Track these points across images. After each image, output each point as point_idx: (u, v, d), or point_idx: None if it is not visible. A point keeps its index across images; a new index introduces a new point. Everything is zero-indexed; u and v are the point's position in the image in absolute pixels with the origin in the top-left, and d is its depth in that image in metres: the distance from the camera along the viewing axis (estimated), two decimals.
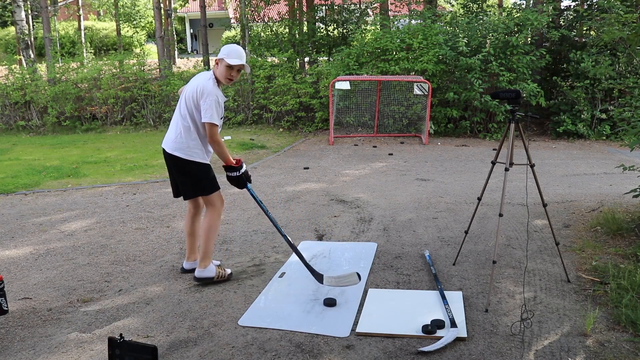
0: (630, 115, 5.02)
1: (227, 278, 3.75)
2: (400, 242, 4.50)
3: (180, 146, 3.54)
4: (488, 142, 10.42)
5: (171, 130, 3.63)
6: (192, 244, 3.89)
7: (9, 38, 22.14)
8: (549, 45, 11.75)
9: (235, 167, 3.57)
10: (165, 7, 17.85)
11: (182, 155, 3.54)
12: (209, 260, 3.69)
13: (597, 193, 6.14)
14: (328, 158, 8.86)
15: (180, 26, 27.99)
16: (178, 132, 3.55)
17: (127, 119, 12.95)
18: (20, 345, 2.93)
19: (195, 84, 3.53)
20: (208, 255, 3.67)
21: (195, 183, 3.62)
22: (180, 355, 2.80)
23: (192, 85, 3.55)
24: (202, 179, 3.62)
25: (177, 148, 3.55)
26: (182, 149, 3.54)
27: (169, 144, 3.59)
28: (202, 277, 3.68)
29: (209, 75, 3.55)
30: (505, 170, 3.40)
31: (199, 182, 3.62)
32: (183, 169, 3.59)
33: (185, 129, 3.53)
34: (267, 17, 15.55)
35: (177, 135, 3.56)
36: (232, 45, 3.58)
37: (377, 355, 2.75)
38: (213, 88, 3.48)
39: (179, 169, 3.61)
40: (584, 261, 3.95)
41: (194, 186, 3.63)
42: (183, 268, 3.93)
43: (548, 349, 2.77)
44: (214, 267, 3.72)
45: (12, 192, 6.68)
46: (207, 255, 3.67)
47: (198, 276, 3.68)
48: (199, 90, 3.47)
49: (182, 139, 3.54)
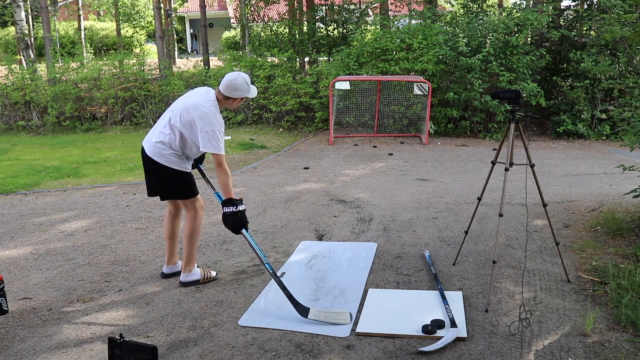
0: (630, 115, 5.02)
1: (212, 279, 3.73)
2: (400, 242, 4.50)
3: (160, 152, 3.45)
4: (488, 142, 10.42)
5: (155, 133, 3.51)
6: (172, 247, 3.79)
7: (9, 38, 22.14)
8: (549, 45, 11.74)
9: (234, 200, 3.36)
10: (165, 7, 17.84)
11: (161, 161, 3.45)
12: (193, 264, 3.67)
13: (597, 193, 6.14)
14: (328, 158, 8.86)
15: (180, 26, 27.98)
16: (160, 139, 3.45)
17: (127, 119, 12.95)
18: (20, 345, 2.93)
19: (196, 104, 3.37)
20: (192, 259, 3.64)
21: (172, 187, 3.55)
22: (180, 355, 2.80)
23: (191, 103, 3.39)
24: (180, 184, 3.54)
25: (157, 154, 3.45)
26: (162, 155, 3.45)
27: (149, 147, 3.49)
28: (187, 281, 3.65)
29: (212, 100, 3.40)
30: (505, 170, 3.40)
31: (176, 187, 3.55)
32: (161, 172, 3.50)
33: (170, 139, 3.43)
34: (267, 17, 15.55)
35: (158, 142, 3.45)
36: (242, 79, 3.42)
37: (377, 355, 2.75)
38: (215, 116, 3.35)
39: (156, 172, 3.52)
40: (584, 261, 3.95)
41: (171, 190, 3.57)
42: (163, 273, 3.83)
43: (548, 349, 2.77)
44: (199, 270, 3.70)
45: (12, 192, 6.68)
46: (191, 259, 3.64)
47: (183, 280, 3.65)
48: (202, 115, 3.33)
49: (163, 146, 3.44)
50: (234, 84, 3.39)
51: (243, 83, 3.41)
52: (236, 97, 3.44)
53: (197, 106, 3.37)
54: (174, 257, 3.82)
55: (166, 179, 3.52)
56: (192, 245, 3.62)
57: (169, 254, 3.81)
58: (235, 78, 3.40)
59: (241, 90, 3.42)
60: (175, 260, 3.83)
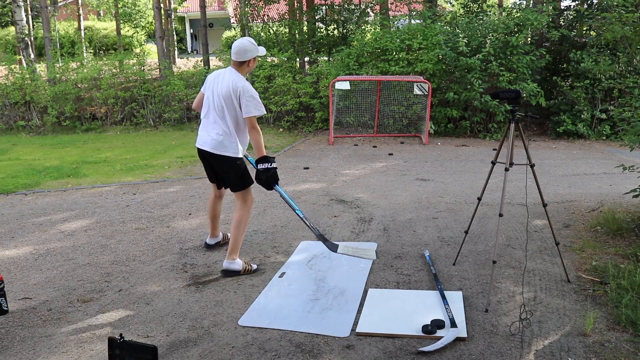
0: (630, 115, 5.02)
1: (252, 272, 3.85)
2: (400, 242, 4.50)
3: (223, 146, 3.73)
4: (488, 142, 10.42)
5: (209, 132, 3.77)
6: (214, 225, 4.26)
7: (9, 38, 22.13)
8: (549, 45, 11.74)
9: (268, 157, 3.71)
10: (165, 7, 17.84)
11: (225, 154, 3.73)
12: (237, 253, 3.83)
13: (597, 193, 6.14)
14: (328, 158, 8.86)
15: (180, 26, 27.98)
16: (219, 133, 3.72)
17: (127, 119, 12.95)
18: (20, 345, 2.93)
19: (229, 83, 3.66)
20: (236, 248, 3.81)
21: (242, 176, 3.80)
22: (180, 355, 2.80)
23: (224, 86, 3.68)
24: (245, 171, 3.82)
25: (220, 148, 3.73)
26: (225, 148, 3.73)
27: (211, 144, 3.75)
28: (229, 269, 3.81)
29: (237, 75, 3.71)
30: (505, 170, 3.40)
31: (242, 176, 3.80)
32: (228, 165, 3.77)
33: (226, 128, 3.71)
34: (267, 17, 15.55)
35: (219, 135, 3.72)
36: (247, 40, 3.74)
37: (377, 355, 2.75)
38: (248, 83, 3.69)
39: (223, 166, 3.80)
40: (584, 261, 3.95)
41: (242, 180, 3.81)
42: (207, 243, 4.33)
43: (548, 349, 2.77)
44: (241, 262, 3.84)
45: (12, 192, 6.68)
46: (236, 248, 3.81)
47: (226, 267, 3.82)
48: (240, 90, 3.64)
49: (223, 139, 3.72)
50: (242, 47, 3.71)
51: (249, 44, 3.72)
52: (249, 59, 3.73)
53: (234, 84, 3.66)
54: (215, 231, 4.32)
55: (235, 170, 3.79)
56: (238, 234, 3.81)
57: (212, 229, 4.30)
58: (240, 42, 3.73)
59: (251, 51, 3.72)
60: (217, 233, 4.33)
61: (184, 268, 4.02)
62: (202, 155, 3.93)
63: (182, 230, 4.97)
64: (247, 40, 3.73)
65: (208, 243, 4.35)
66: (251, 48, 3.71)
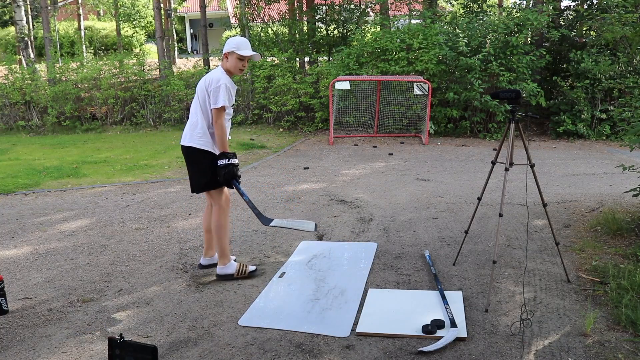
0: (630, 115, 5.02)
1: (248, 275, 3.78)
2: (400, 242, 4.50)
3: (192, 136, 3.65)
4: (488, 142, 10.42)
5: (188, 125, 3.74)
6: (209, 240, 3.94)
7: (9, 38, 22.13)
8: (549, 45, 11.74)
9: (227, 153, 3.60)
10: (165, 7, 17.84)
11: (194, 145, 3.64)
12: (228, 257, 3.77)
13: (597, 193, 6.14)
14: (328, 158, 8.86)
15: (180, 26, 27.98)
16: (194, 124, 3.67)
17: (127, 119, 12.95)
18: (20, 345, 2.93)
19: (207, 78, 3.64)
20: (224, 252, 3.75)
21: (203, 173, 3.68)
22: (180, 355, 2.80)
23: (203, 81, 3.67)
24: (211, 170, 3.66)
25: (190, 139, 3.66)
26: (193, 138, 3.65)
27: (185, 138, 3.71)
28: (222, 273, 3.76)
29: (219, 69, 3.66)
30: (505, 170, 3.40)
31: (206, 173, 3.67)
32: (195, 158, 3.68)
33: (200, 121, 3.64)
34: (267, 17, 15.55)
35: (192, 127, 3.67)
36: (238, 38, 3.68)
37: (377, 355, 2.75)
38: (222, 75, 3.58)
39: (190, 158, 3.71)
40: (584, 261, 3.95)
41: (202, 177, 3.70)
42: (200, 264, 4.01)
43: (548, 349, 2.77)
44: (235, 264, 3.79)
45: (12, 192, 6.68)
46: (224, 252, 3.75)
47: (219, 273, 3.78)
48: (209, 81, 3.59)
49: (194, 130, 3.65)
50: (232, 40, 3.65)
51: (232, 40, 3.64)
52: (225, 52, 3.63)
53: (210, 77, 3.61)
54: (210, 250, 3.96)
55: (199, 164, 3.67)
56: (221, 239, 3.73)
57: (206, 246, 3.97)
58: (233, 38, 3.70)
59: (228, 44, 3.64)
60: (212, 253, 3.97)
61: (184, 268, 4.02)
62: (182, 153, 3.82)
63: (182, 230, 4.97)
64: (236, 37, 3.73)
65: (202, 264, 3.99)
66: (233, 44, 3.62)
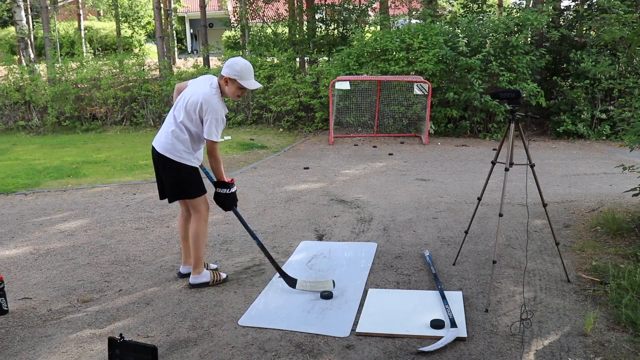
0: (630, 115, 5.02)
1: (222, 282, 3.72)
2: (400, 242, 4.50)
3: (170, 148, 3.47)
4: (488, 142, 10.42)
5: (162, 131, 3.55)
6: (187, 248, 3.79)
7: (9, 38, 22.13)
8: (549, 45, 11.74)
9: (226, 183, 3.55)
10: (165, 7, 17.84)
11: (171, 157, 3.48)
12: (202, 267, 3.66)
13: (597, 193, 6.14)
14: (328, 158, 8.86)
15: (180, 26, 27.98)
16: (169, 135, 3.48)
17: (127, 119, 12.95)
18: (20, 345, 2.93)
19: (199, 94, 3.41)
20: (200, 261, 3.64)
21: (181, 185, 3.55)
22: (180, 355, 2.80)
23: (194, 94, 3.43)
24: (189, 181, 3.55)
25: (167, 150, 3.48)
26: (172, 151, 3.47)
27: (160, 144, 3.52)
28: (196, 283, 3.65)
29: (214, 89, 3.44)
30: (505, 170, 3.40)
31: (185, 184, 3.55)
32: (171, 169, 3.52)
33: (177, 133, 3.46)
34: (267, 17, 15.55)
35: (167, 138, 3.49)
36: (242, 63, 3.42)
37: (377, 355, 2.75)
38: (218, 104, 3.40)
39: (166, 169, 3.54)
40: (584, 261, 3.95)
41: (179, 188, 3.56)
42: (180, 273, 3.86)
43: (548, 349, 2.77)
44: (208, 272, 3.70)
45: (12, 192, 6.68)
46: (199, 261, 3.63)
47: (192, 282, 3.66)
48: (203, 104, 3.38)
49: (172, 142, 3.47)
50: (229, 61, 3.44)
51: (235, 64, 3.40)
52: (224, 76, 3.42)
53: (204, 97, 3.40)
54: (189, 258, 3.79)
55: (176, 175, 3.53)
56: (198, 248, 3.60)
57: (184, 254, 3.84)
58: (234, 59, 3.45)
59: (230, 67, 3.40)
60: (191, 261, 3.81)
61: None
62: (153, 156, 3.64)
63: None
64: (241, 60, 3.45)
65: (182, 272, 3.86)
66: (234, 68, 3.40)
